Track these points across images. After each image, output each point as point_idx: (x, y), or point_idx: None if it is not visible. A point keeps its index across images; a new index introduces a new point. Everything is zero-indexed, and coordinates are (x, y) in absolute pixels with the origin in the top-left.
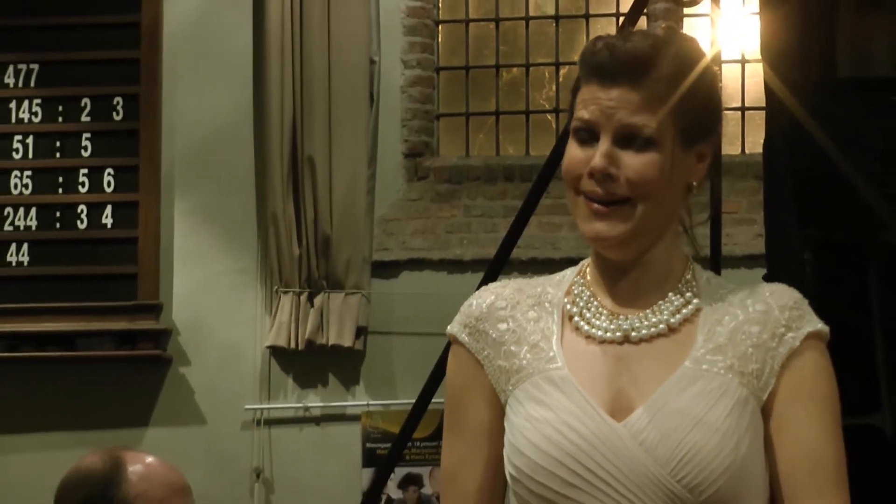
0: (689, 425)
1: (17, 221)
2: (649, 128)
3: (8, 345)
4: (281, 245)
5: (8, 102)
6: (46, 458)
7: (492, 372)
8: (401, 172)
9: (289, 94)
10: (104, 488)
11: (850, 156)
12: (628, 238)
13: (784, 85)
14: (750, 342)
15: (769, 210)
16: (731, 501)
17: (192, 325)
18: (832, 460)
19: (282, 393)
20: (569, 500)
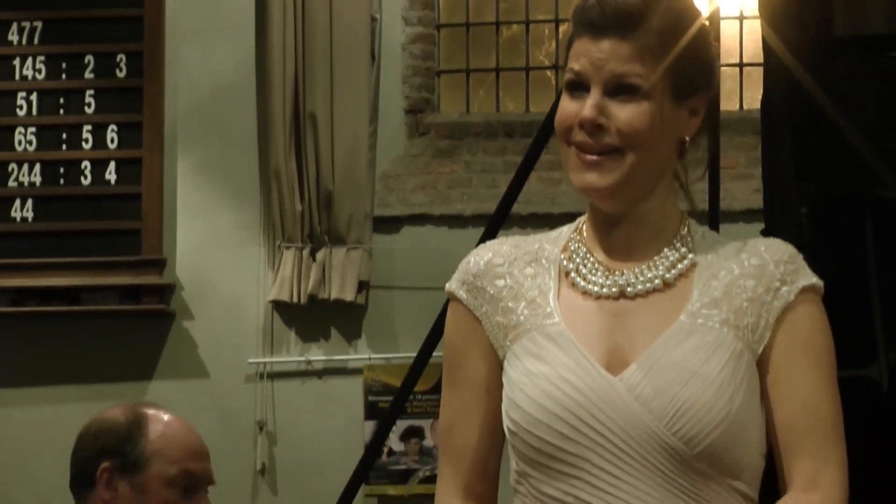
0: (684, 379)
1: (22, 177)
2: (639, 77)
3: (13, 299)
4: (283, 200)
5: (12, 59)
6: (51, 412)
7: (490, 328)
8: (402, 129)
9: (291, 51)
10: (122, 442)
11: (846, 112)
12: (619, 188)
13: (782, 42)
14: (745, 296)
15: (767, 165)
16: (726, 453)
17: (195, 280)
18: (830, 413)
19: (284, 347)
20: (566, 454)
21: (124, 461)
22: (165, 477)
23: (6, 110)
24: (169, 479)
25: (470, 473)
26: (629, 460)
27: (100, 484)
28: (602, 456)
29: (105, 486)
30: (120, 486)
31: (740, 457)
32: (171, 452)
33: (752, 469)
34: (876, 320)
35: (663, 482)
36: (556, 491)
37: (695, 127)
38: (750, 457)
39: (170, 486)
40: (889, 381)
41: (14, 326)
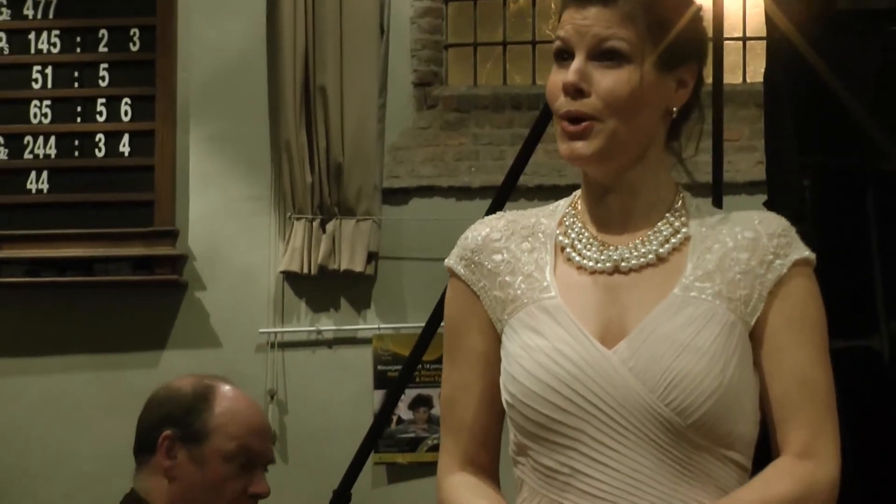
0: (676, 350)
1: (37, 150)
2: (622, 41)
3: (28, 270)
4: (294, 172)
5: (27, 34)
6: (66, 380)
7: (488, 302)
8: (410, 101)
9: (301, 25)
10: (186, 412)
11: (848, 85)
12: (602, 155)
13: (784, 15)
14: (738, 269)
15: (770, 138)
16: (718, 423)
17: (207, 251)
18: (823, 385)
19: (295, 317)
20: (561, 425)
21: (186, 431)
22: (225, 451)
23: (22, 83)
24: (228, 453)
25: (470, 445)
26: (623, 431)
27: (160, 450)
28: (597, 427)
29: (165, 453)
30: (180, 455)
31: (733, 427)
32: (233, 428)
33: (745, 439)
34: (877, 290)
35: (657, 452)
36: (553, 462)
37: (683, 98)
38: (743, 427)
39: (228, 461)
40: (890, 350)
41: (29, 296)
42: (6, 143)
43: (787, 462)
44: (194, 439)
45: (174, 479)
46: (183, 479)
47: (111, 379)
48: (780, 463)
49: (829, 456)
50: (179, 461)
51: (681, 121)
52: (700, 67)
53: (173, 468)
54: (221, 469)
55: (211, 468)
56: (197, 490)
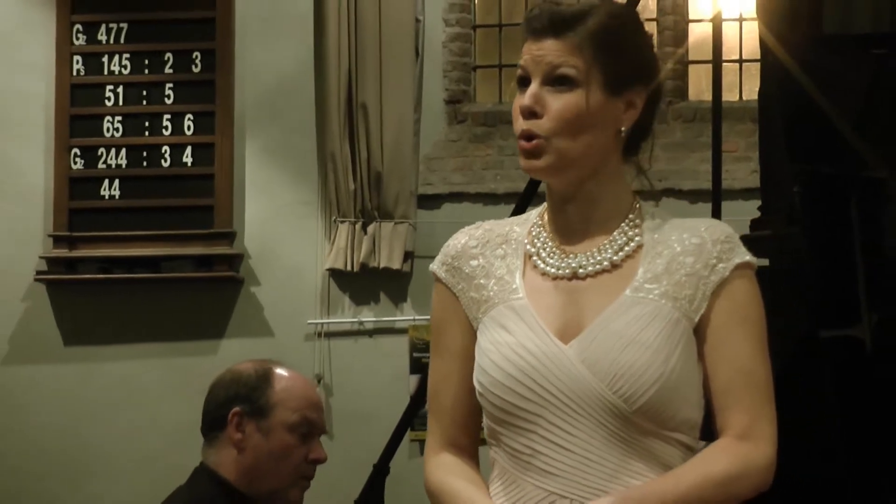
0: (623, 345)
1: (110, 160)
2: (572, 68)
3: (102, 268)
4: (338, 180)
5: (101, 57)
6: (135, 366)
7: (465, 303)
8: (442, 117)
9: (345, 49)
10: (252, 390)
11: (834, 101)
12: (554, 169)
13: (776, 40)
14: (684, 271)
15: (763, 149)
16: (662, 409)
17: (261, 250)
18: (762, 376)
19: (339, 309)
20: (523, 411)
21: (253, 407)
22: (288, 422)
23: (96, 101)
24: (290, 424)
25: (451, 429)
26: (577, 417)
27: (231, 425)
28: (554, 413)
29: (235, 428)
30: (248, 428)
31: (676, 412)
32: (293, 402)
33: (689, 422)
34: (860, 285)
35: (607, 435)
36: (517, 444)
37: (632, 119)
38: (686, 412)
39: (291, 431)
40: (871, 338)
41: (102, 292)
42: (82, 154)
43: (726, 442)
44: (260, 413)
45: (244, 450)
46: (252, 449)
47: (175, 365)
48: (720, 443)
49: (767, 438)
50: (248, 433)
51: (638, 137)
52: (649, 89)
53: (243, 440)
54: (285, 438)
55: (276, 438)
56: (264, 458)
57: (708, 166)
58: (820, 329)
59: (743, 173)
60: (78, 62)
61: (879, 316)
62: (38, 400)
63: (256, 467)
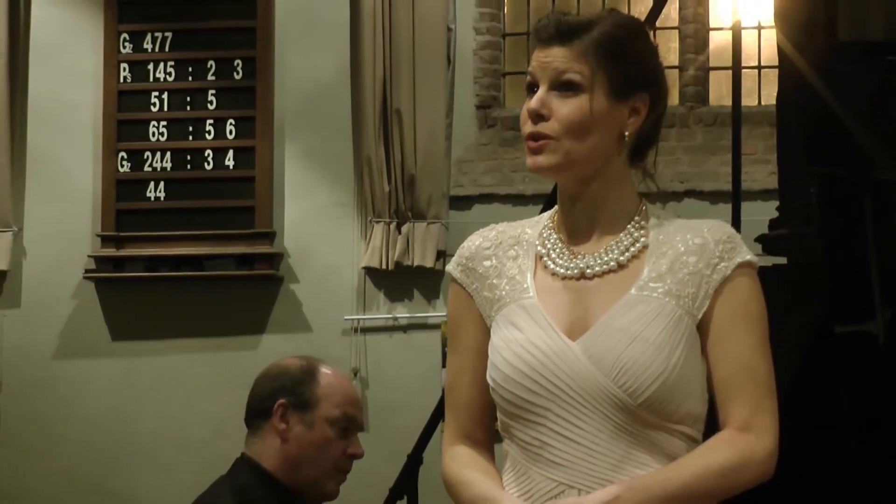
0: (627, 341)
1: (155, 164)
2: (577, 73)
3: (148, 266)
4: (374, 182)
5: (147, 64)
6: (178, 360)
7: (479, 302)
8: (473, 122)
9: (380, 57)
10: (297, 385)
11: (848, 106)
12: (559, 167)
13: (793, 47)
14: (687, 270)
15: (781, 152)
16: (665, 403)
17: (300, 250)
18: (763, 370)
19: (375, 306)
20: (532, 405)
21: (297, 400)
22: (329, 417)
23: (142, 107)
24: (332, 419)
25: (467, 422)
26: (584, 410)
27: (275, 416)
28: (562, 407)
29: (280, 418)
30: (292, 420)
31: (680, 405)
32: (336, 398)
33: (693, 415)
34: (874, 283)
35: (613, 428)
36: (527, 436)
37: (636, 124)
38: (690, 405)
39: (332, 425)
40: (885, 334)
41: (148, 289)
42: (129, 157)
43: (728, 434)
44: (304, 406)
45: (287, 440)
46: (294, 440)
47: (217, 360)
48: (722, 435)
49: (767, 430)
50: (292, 424)
51: (645, 144)
52: (653, 95)
53: (287, 430)
54: (327, 431)
55: (318, 430)
56: (306, 448)
57: (728, 168)
58: (835, 324)
59: (761, 175)
60: (125, 70)
61: (893, 312)
62: (87, 392)
63: (298, 457)
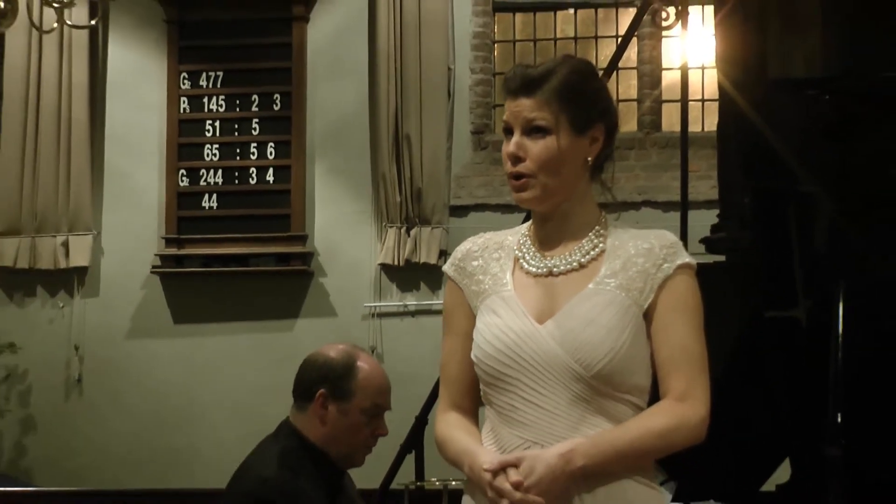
0: (584, 324)
1: (209, 179)
2: (544, 119)
3: (203, 262)
4: (387, 194)
5: (202, 98)
6: (229, 340)
7: (468, 294)
8: (469, 144)
9: (392, 91)
10: (339, 378)
11: (777, 132)
12: (539, 200)
13: (731, 84)
14: (636, 269)
15: (721, 169)
16: (615, 376)
17: (327, 249)
18: (698, 352)
19: (389, 295)
20: (507, 376)
21: (337, 391)
22: (363, 407)
23: (198, 133)
24: (364, 408)
25: (456, 394)
26: (548, 381)
27: (316, 402)
28: (530, 378)
29: (320, 405)
30: (330, 408)
31: (627, 378)
32: (369, 391)
33: (638, 388)
34: (797, 276)
35: (571, 396)
36: (501, 402)
37: (596, 150)
38: (636, 379)
39: (363, 413)
40: (806, 318)
41: (203, 281)
42: (188, 174)
43: (667, 403)
44: (342, 397)
45: (325, 423)
46: (331, 424)
47: (260, 339)
48: (662, 403)
49: (700, 400)
50: (329, 411)
51: (603, 161)
52: (607, 124)
53: (325, 415)
54: (359, 418)
55: (352, 417)
56: (340, 431)
57: (678, 183)
58: (766, 310)
59: (705, 188)
60: (184, 102)
61: (813, 301)
62: (155, 366)
63: (333, 436)
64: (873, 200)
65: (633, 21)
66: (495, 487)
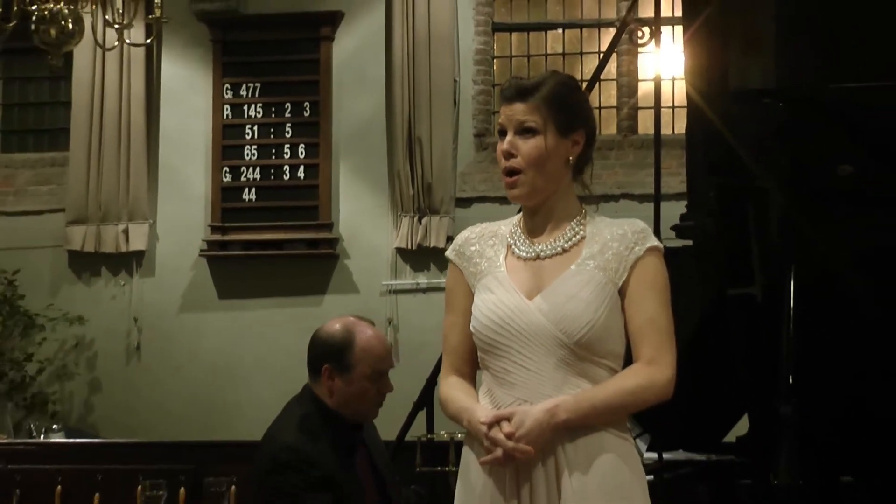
0: (567, 300)
1: (248, 175)
2: (534, 122)
3: (243, 247)
4: (402, 188)
5: (242, 106)
6: (267, 314)
7: (467, 275)
8: (472, 146)
9: (406, 100)
10: (339, 353)
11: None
12: (528, 195)
13: (697, 92)
14: (611, 252)
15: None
16: (593, 343)
17: (351, 235)
18: (665, 323)
19: (403, 274)
20: (500, 344)
21: (340, 365)
22: (365, 374)
23: (239, 136)
24: (367, 375)
25: (457, 361)
26: (536, 347)
27: (324, 376)
28: (521, 345)
29: (327, 378)
30: (336, 380)
31: (604, 345)
32: (369, 359)
33: (613, 354)
34: (754, 257)
35: (556, 361)
36: (496, 366)
37: (577, 151)
38: (612, 346)
39: (367, 379)
40: (761, 294)
41: (243, 263)
42: (230, 171)
43: (637, 366)
44: (346, 370)
45: (333, 394)
46: (339, 393)
47: (293, 313)
48: (633, 366)
49: (667, 363)
50: (336, 383)
51: (583, 163)
52: (587, 131)
53: (333, 387)
54: (364, 384)
55: (356, 385)
56: (349, 397)
57: (651, 179)
58: (728, 288)
59: (675, 183)
60: (227, 109)
61: (767, 278)
62: (203, 336)
63: (343, 402)
64: (819, 194)
65: (613, 39)
66: (491, 438)
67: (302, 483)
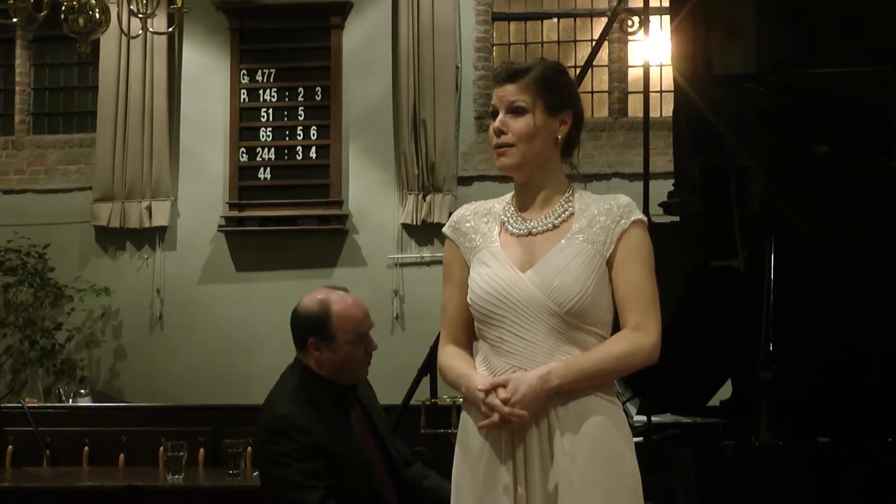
0: (557, 272)
1: (264, 155)
2: (523, 101)
3: (259, 222)
4: (408, 167)
5: (258, 90)
6: (280, 285)
7: (463, 250)
8: (473, 127)
9: (412, 84)
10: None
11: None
12: (517, 166)
13: (683, 77)
14: (599, 225)
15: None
16: (583, 312)
17: (359, 211)
18: (650, 291)
19: (409, 248)
20: (495, 315)
21: (322, 336)
22: (347, 340)
23: (255, 118)
24: (349, 340)
25: (455, 331)
26: (529, 317)
27: (310, 349)
28: (515, 315)
29: (314, 350)
30: (322, 351)
31: (593, 314)
32: (349, 325)
33: (602, 321)
34: (736, 231)
35: (548, 329)
36: (491, 335)
37: (564, 131)
38: (600, 314)
39: (349, 344)
40: (743, 266)
41: (260, 238)
42: (247, 152)
43: (624, 332)
44: (328, 339)
45: (321, 363)
46: (327, 362)
47: (306, 284)
48: (620, 333)
49: (652, 329)
50: (322, 353)
51: (572, 146)
52: (574, 112)
53: (320, 357)
54: (348, 350)
55: (341, 352)
56: (336, 364)
57: (640, 158)
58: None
59: (662, 162)
60: (244, 94)
61: (749, 252)
62: (221, 306)
63: (333, 370)
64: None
65: (605, 28)
66: (487, 403)
67: (294, 451)
